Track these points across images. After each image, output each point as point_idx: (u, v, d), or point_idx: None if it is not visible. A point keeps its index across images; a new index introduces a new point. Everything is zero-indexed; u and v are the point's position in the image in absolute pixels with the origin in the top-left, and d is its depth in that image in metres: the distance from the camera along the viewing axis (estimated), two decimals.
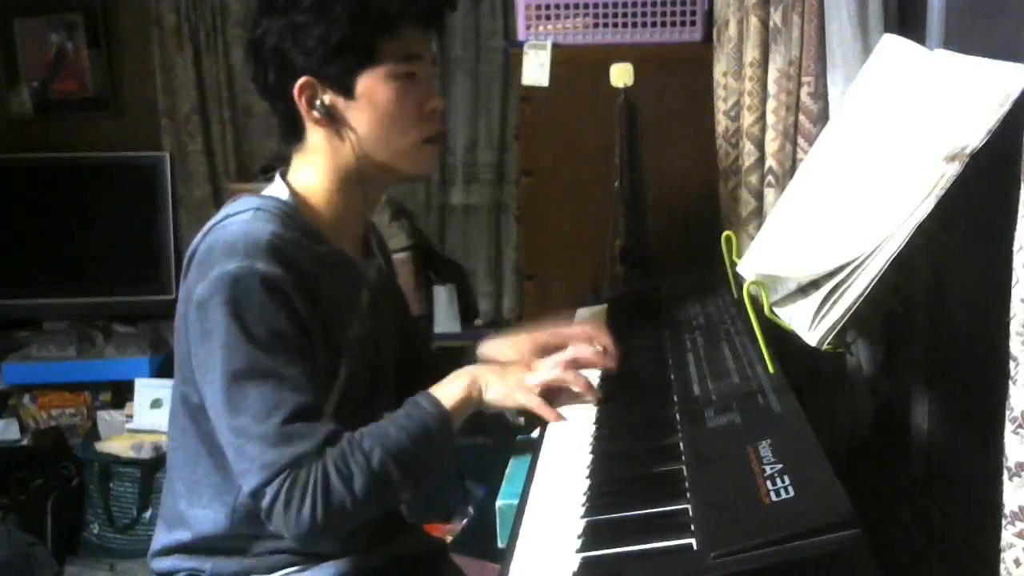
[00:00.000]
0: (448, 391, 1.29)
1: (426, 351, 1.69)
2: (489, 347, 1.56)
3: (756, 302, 1.26)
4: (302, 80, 1.27)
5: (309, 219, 1.30)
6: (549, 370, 1.35)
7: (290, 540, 1.21)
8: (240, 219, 1.24)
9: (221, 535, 1.30)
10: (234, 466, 1.20)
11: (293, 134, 1.34)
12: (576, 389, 1.34)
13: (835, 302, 1.12)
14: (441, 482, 2.53)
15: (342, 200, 1.34)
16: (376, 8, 1.25)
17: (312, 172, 1.33)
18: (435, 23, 1.33)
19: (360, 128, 1.30)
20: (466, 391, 1.30)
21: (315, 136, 1.32)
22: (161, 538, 1.36)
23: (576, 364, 1.38)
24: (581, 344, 1.44)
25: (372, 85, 1.28)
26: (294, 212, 1.28)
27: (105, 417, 3.23)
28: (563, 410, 1.34)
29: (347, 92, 1.28)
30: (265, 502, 1.16)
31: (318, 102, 1.28)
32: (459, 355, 1.57)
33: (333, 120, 1.29)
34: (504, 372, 1.35)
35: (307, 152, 1.33)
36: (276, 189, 1.33)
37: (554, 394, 1.36)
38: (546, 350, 1.47)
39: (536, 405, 1.32)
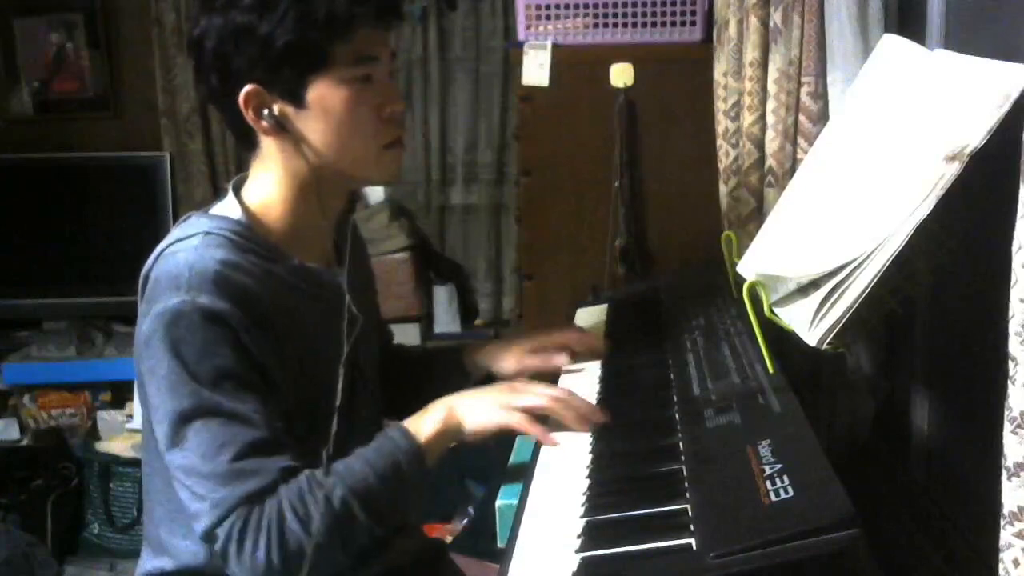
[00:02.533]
0: (423, 424, 1.21)
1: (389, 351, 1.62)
2: (486, 356, 1.52)
3: (756, 302, 1.26)
4: (247, 89, 1.18)
5: (265, 236, 1.23)
6: (535, 397, 1.26)
7: None
8: (188, 245, 1.17)
9: (203, 566, 1.25)
10: (187, 508, 1.14)
11: (246, 141, 1.26)
12: (566, 422, 1.24)
13: (835, 302, 1.12)
14: (440, 483, 2.53)
15: (301, 210, 1.26)
16: (323, 9, 1.16)
17: (269, 181, 1.26)
18: (391, 20, 1.24)
19: (314, 137, 1.21)
20: (443, 424, 1.21)
21: (268, 144, 1.24)
22: (146, 563, 1.32)
23: (565, 402, 1.26)
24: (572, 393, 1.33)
25: (323, 92, 1.19)
26: (246, 231, 1.21)
27: (105, 417, 3.23)
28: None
29: (297, 100, 1.19)
30: (218, 545, 1.10)
31: (266, 112, 1.19)
32: (459, 354, 1.56)
33: (284, 130, 1.21)
34: (484, 396, 1.27)
35: (262, 160, 1.26)
36: (227, 207, 1.26)
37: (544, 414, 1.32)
38: (542, 352, 1.48)
39: (518, 422, 1.23)
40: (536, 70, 2.16)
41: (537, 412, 1.25)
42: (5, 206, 3.40)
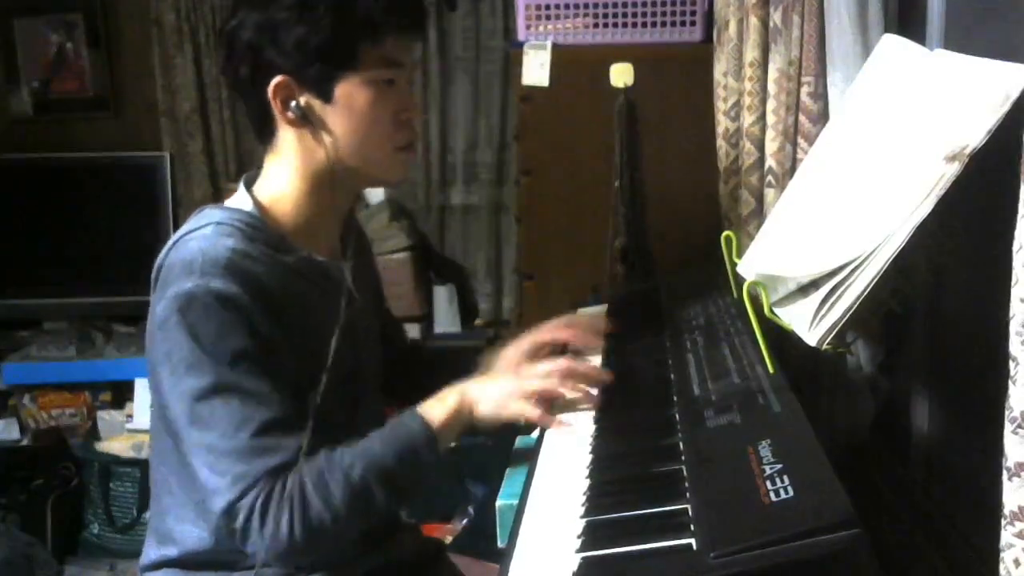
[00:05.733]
0: (436, 409, 1.25)
1: (405, 349, 1.66)
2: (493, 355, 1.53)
3: (756, 302, 1.26)
4: (278, 79, 1.23)
5: (274, 227, 1.27)
6: (542, 379, 1.31)
7: (269, 559, 1.16)
8: (200, 235, 1.21)
9: (208, 551, 1.27)
10: (206, 485, 1.16)
11: (264, 131, 1.30)
12: (572, 396, 1.31)
13: (835, 302, 1.12)
14: (440, 483, 2.53)
15: (312, 203, 1.30)
16: (360, 13, 1.22)
17: (283, 174, 1.30)
18: (418, 31, 1.32)
19: (335, 131, 1.26)
20: (455, 408, 1.26)
21: (287, 135, 1.28)
22: (150, 553, 1.33)
23: (570, 373, 1.34)
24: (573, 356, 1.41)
25: (351, 90, 1.25)
26: (257, 223, 1.25)
27: (105, 417, 3.23)
28: (562, 410, 1.33)
29: (325, 96, 1.25)
30: (239, 520, 1.13)
31: (293, 103, 1.25)
32: (460, 356, 1.56)
33: (308, 122, 1.26)
34: (495, 383, 1.31)
35: (278, 152, 1.30)
36: (239, 200, 1.29)
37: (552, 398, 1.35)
38: (541, 351, 1.48)
39: (533, 415, 1.28)
40: (536, 70, 2.16)
41: (549, 395, 1.31)
42: (5, 206, 3.40)
